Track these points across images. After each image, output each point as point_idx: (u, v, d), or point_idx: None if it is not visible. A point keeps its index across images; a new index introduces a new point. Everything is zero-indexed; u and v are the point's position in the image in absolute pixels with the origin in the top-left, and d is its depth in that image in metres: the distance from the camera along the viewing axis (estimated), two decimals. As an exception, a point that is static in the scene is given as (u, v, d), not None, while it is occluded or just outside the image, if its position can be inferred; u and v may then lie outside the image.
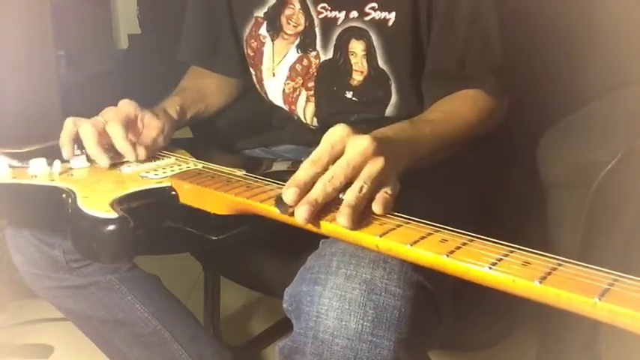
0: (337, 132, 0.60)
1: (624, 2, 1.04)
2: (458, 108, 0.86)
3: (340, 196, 0.57)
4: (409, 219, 0.55)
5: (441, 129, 0.79)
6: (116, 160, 0.81)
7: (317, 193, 0.56)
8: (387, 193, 0.58)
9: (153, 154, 0.85)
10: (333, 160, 0.59)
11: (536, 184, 0.87)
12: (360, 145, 0.59)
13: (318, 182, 0.57)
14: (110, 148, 0.81)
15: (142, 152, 0.81)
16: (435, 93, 0.90)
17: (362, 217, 0.56)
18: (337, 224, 0.54)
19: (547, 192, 0.86)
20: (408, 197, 0.78)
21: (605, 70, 1.04)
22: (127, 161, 0.81)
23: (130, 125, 0.84)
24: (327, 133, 0.61)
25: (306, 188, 0.57)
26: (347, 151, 0.59)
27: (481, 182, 0.97)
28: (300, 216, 0.55)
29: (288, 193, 0.56)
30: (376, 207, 0.56)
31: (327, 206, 0.57)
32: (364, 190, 0.56)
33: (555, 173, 0.84)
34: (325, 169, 0.58)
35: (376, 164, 0.59)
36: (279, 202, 0.57)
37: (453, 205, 0.82)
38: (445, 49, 0.89)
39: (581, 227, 0.82)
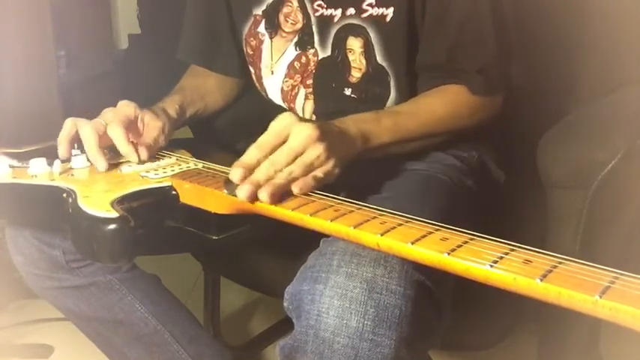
0: (283, 120, 0.67)
1: (624, 2, 1.04)
2: (430, 101, 0.87)
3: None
4: (410, 218, 0.55)
5: (405, 121, 0.82)
6: (116, 159, 0.81)
7: (259, 174, 0.63)
8: (314, 177, 0.64)
9: (154, 155, 0.85)
10: (278, 145, 0.66)
11: (536, 184, 0.87)
12: (302, 132, 0.65)
13: (262, 165, 0.64)
14: (111, 149, 0.81)
15: (144, 153, 0.81)
16: (423, 85, 0.90)
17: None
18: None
19: (547, 192, 0.86)
20: (408, 197, 0.79)
21: (605, 70, 1.04)
22: (127, 161, 0.81)
23: (131, 126, 0.84)
24: (274, 121, 0.67)
25: (250, 170, 0.64)
26: (290, 137, 0.66)
27: (481, 182, 0.96)
28: (242, 194, 0.60)
29: (234, 172, 0.63)
30: (294, 187, 0.62)
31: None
32: (293, 174, 0.63)
33: (555, 173, 0.84)
34: (270, 154, 0.65)
35: (314, 150, 0.65)
36: (227, 183, 0.64)
37: (453, 205, 0.82)
38: (435, 43, 0.89)
39: (581, 227, 0.82)
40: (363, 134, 0.75)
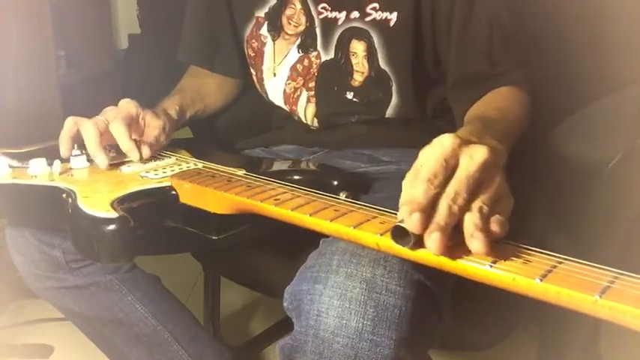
0: (448, 144, 0.52)
1: (625, 3, 1.04)
2: (509, 105, 0.84)
3: None
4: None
5: (504, 128, 0.75)
6: (117, 159, 0.81)
7: (444, 215, 0.48)
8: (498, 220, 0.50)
9: (156, 153, 0.85)
10: (449, 175, 0.51)
11: (536, 184, 0.87)
12: (477, 157, 0.51)
13: (442, 203, 0.49)
14: (112, 148, 0.81)
15: (146, 151, 0.82)
16: (467, 97, 0.87)
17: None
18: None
19: (547, 191, 0.86)
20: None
21: (605, 70, 1.04)
22: (127, 161, 0.81)
23: (132, 124, 0.84)
24: (435, 145, 0.52)
25: (427, 211, 0.48)
26: (463, 164, 0.51)
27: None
28: (434, 247, 0.46)
29: (412, 219, 0.47)
30: (495, 228, 0.49)
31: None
32: (484, 211, 0.49)
33: (556, 173, 0.84)
34: (443, 187, 0.50)
35: (495, 179, 0.52)
36: (398, 233, 0.49)
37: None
38: (471, 52, 0.88)
39: (581, 227, 0.82)
40: (507, 150, 0.62)
